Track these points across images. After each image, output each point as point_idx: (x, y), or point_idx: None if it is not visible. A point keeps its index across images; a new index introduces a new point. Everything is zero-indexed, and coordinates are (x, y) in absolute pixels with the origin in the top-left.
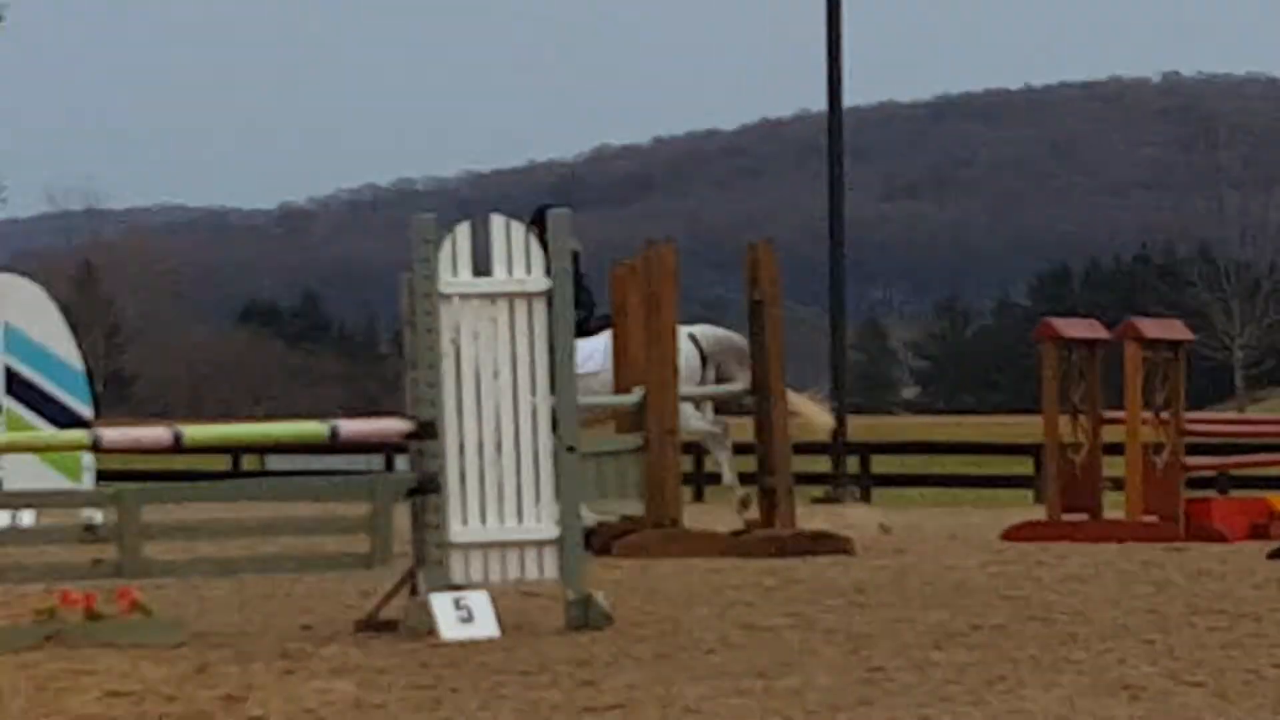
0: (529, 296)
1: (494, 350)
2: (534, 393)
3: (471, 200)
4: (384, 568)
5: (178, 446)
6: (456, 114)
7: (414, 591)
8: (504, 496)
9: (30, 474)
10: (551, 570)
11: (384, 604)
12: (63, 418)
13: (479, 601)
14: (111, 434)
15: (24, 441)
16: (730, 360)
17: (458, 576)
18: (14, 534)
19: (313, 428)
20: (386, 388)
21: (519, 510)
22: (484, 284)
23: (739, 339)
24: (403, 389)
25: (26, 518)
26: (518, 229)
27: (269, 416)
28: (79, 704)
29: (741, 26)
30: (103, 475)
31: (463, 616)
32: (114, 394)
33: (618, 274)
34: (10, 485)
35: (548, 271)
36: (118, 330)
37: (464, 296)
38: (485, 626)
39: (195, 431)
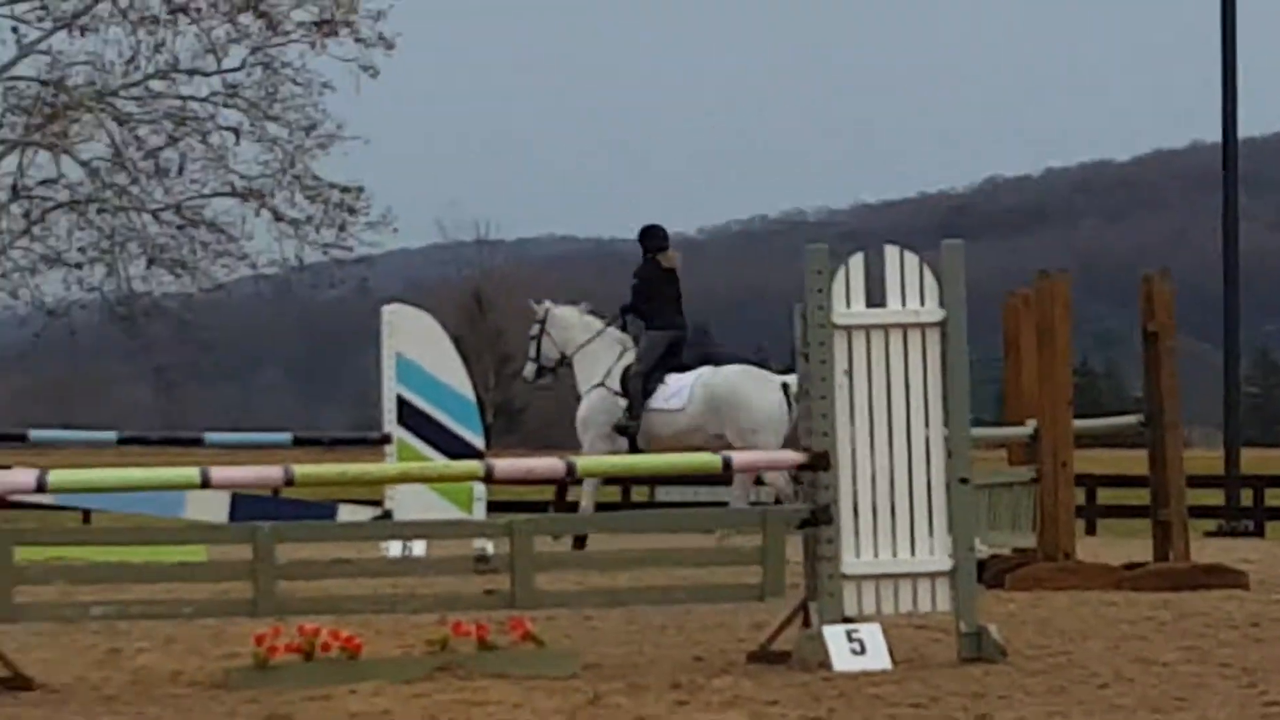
0: (923, 327)
1: (887, 381)
2: (927, 424)
3: (861, 231)
4: (776, 599)
5: (570, 477)
6: (847, 146)
7: (806, 623)
8: (897, 528)
9: (421, 504)
10: (944, 602)
11: (776, 636)
12: (455, 448)
13: (871, 633)
14: (504, 464)
15: (418, 471)
16: None
17: (850, 608)
18: (406, 564)
19: (706, 458)
20: None
21: (912, 542)
22: (877, 315)
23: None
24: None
25: (418, 548)
26: (911, 259)
27: None
28: None
29: (1133, 57)
30: (492, 506)
31: (855, 649)
32: (503, 425)
33: (1009, 305)
34: (401, 515)
35: (942, 302)
36: (508, 361)
37: (857, 327)
38: (878, 659)
39: (587, 462)
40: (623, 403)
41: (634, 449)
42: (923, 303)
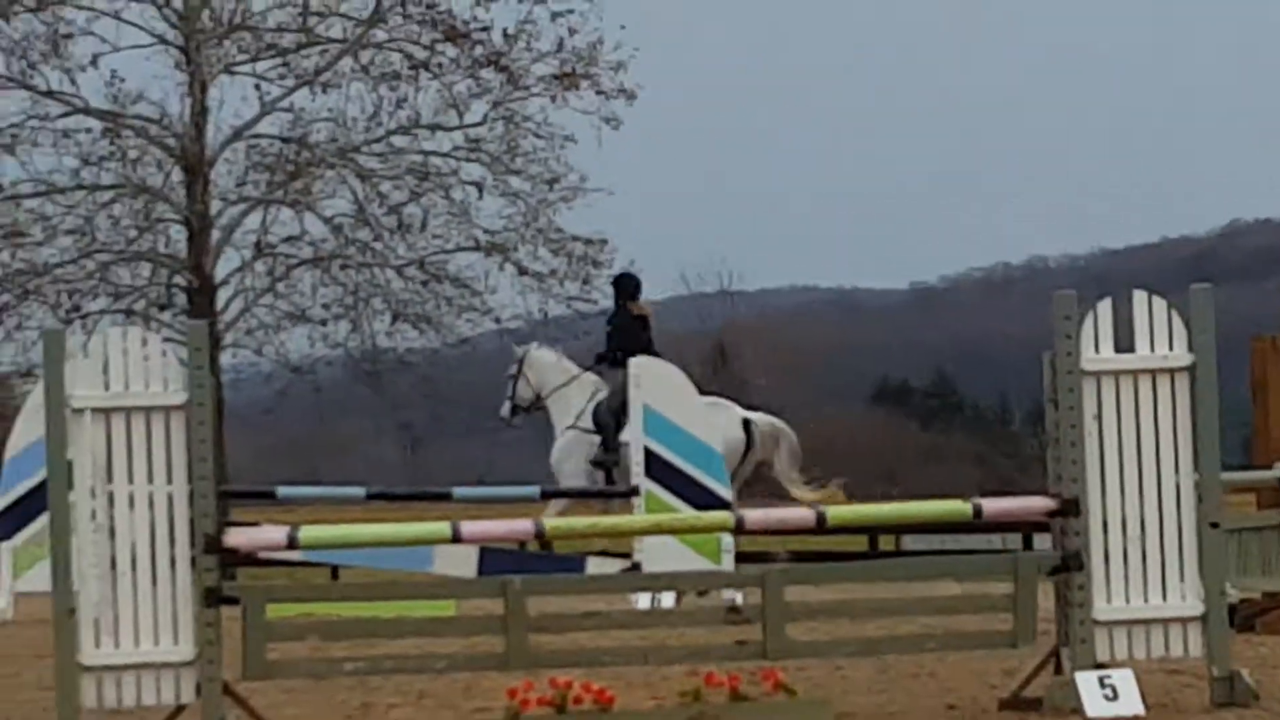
0: (1172, 372)
1: (1136, 426)
2: (1177, 469)
3: (1104, 277)
4: (1027, 646)
5: (821, 526)
6: (1086, 191)
7: (1058, 670)
8: (1148, 573)
9: (668, 556)
10: (1196, 647)
11: (1028, 683)
12: (702, 499)
13: (1124, 679)
14: (755, 515)
15: (669, 523)
16: (775, 449)
17: (1102, 654)
18: (656, 616)
19: (955, 506)
20: (1020, 466)
21: (1163, 587)
22: (1126, 360)
23: (788, 430)
24: (1042, 467)
25: (667, 599)
26: (1160, 304)
27: (902, 497)
28: None
29: None
30: (740, 557)
31: (1107, 695)
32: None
33: (1257, 349)
34: (649, 567)
35: (1190, 347)
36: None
37: (1106, 373)
38: (1130, 704)
39: (838, 511)
40: (596, 439)
41: (609, 481)
42: (1171, 347)
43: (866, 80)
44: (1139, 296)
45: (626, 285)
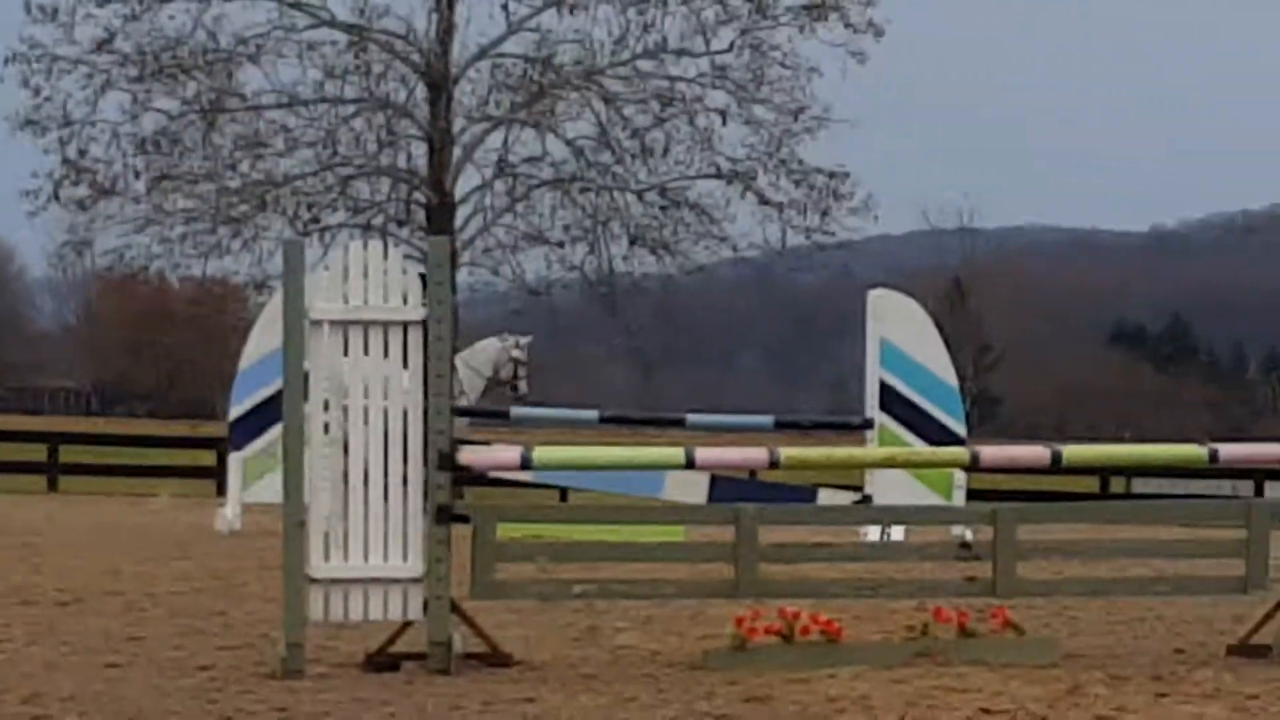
0: None
1: None
2: None
3: None
4: (1259, 592)
5: (1055, 466)
6: None
7: None
8: None
9: (900, 490)
10: None
11: (1258, 629)
12: (937, 435)
13: None
14: (989, 452)
15: (905, 456)
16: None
17: None
18: (887, 549)
19: (1191, 450)
20: (1252, 414)
21: None
22: None
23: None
24: (1277, 414)
25: (897, 533)
26: None
27: (1134, 440)
28: None
29: None
30: (969, 494)
31: None
32: (981, 413)
33: None
34: (880, 500)
35: None
36: (987, 350)
37: None
38: None
39: (1073, 451)
40: None
41: None
42: None
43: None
44: None
45: None
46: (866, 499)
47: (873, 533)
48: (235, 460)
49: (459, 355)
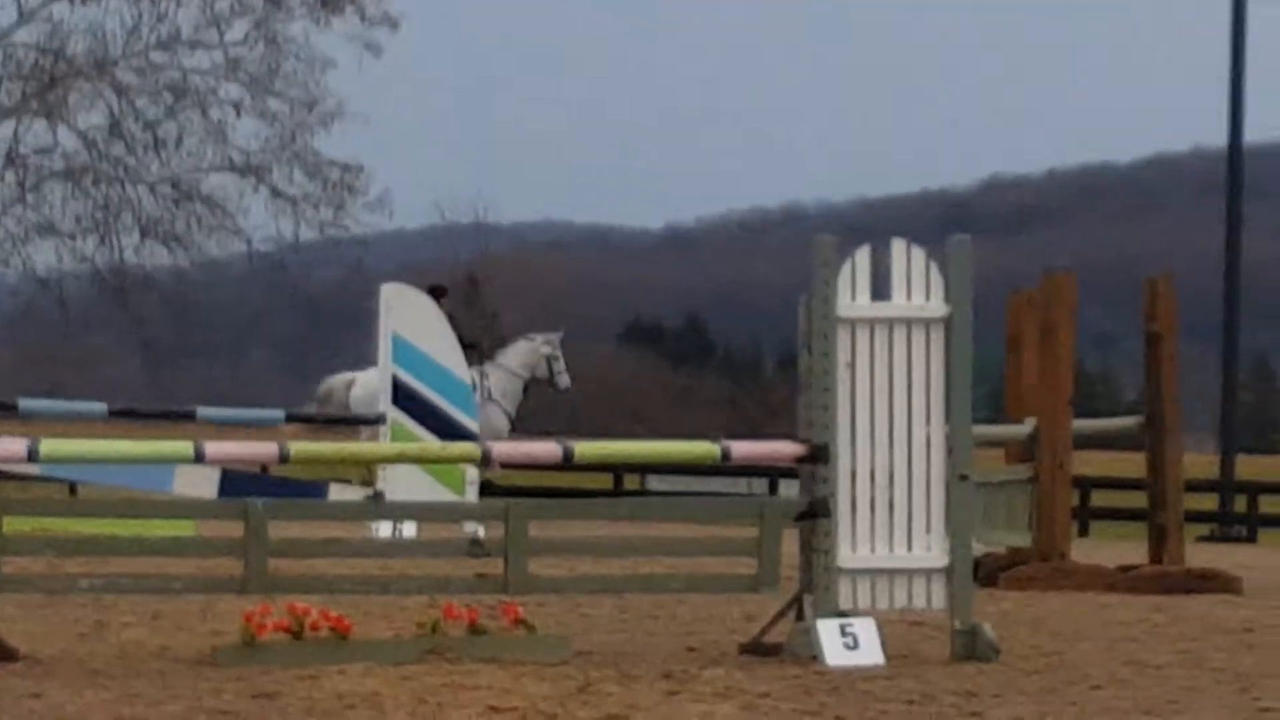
0: (927, 323)
1: (889, 375)
2: (928, 420)
3: (861, 226)
4: (770, 591)
5: (568, 462)
6: (848, 138)
7: (800, 616)
8: (894, 523)
9: (412, 486)
10: (939, 599)
11: (769, 628)
12: (448, 430)
13: (865, 629)
14: (501, 448)
15: (416, 452)
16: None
17: (845, 603)
18: (398, 545)
19: (703, 448)
20: (769, 413)
21: (909, 538)
22: (882, 309)
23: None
24: (791, 413)
25: (409, 530)
26: (918, 254)
27: (650, 438)
28: (460, 718)
29: (1137, 60)
30: (483, 490)
31: (848, 643)
32: None
33: (1014, 303)
34: (392, 497)
35: (947, 298)
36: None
37: (861, 321)
38: (870, 654)
39: (585, 447)
40: None
41: None
42: (928, 298)
43: (627, 14)
44: (897, 245)
45: None
46: (378, 495)
47: (385, 529)
48: None
49: (492, 360)
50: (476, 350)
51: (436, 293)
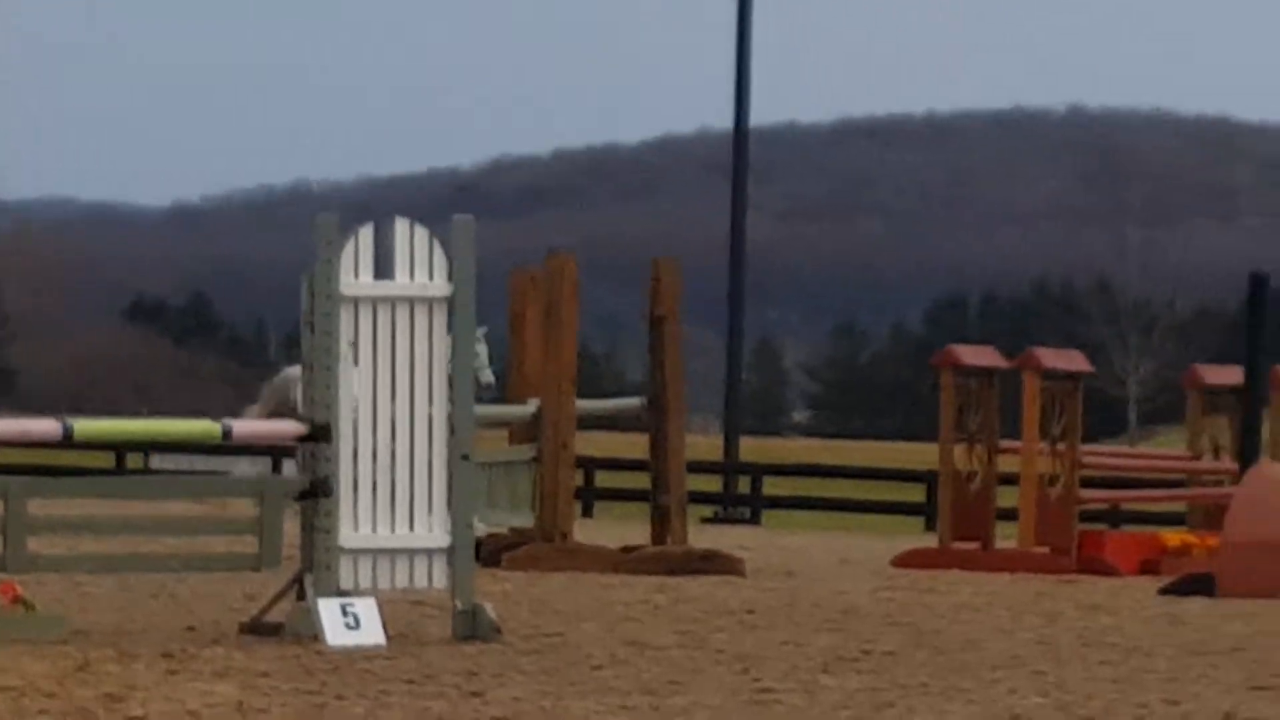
0: (430, 301)
1: (392, 354)
2: (431, 399)
3: (368, 205)
4: (272, 570)
5: (68, 440)
6: (355, 117)
7: (301, 596)
8: (396, 503)
9: None
10: (441, 580)
11: (269, 608)
12: None
13: (366, 608)
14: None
15: None
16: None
17: (346, 582)
18: None
19: (205, 426)
20: None
21: (410, 518)
22: (385, 287)
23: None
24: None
25: None
26: (421, 233)
27: (154, 415)
28: None
29: (645, 41)
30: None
31: (349, 623)
32: None
33: (516, 282)
34: None
35: (450, 277)
36: (4, 323)
37: (364, 299)
38: (372, 634)
39: (85, 426)
40: None
41: None
42: (431, 277)
43: None
44: (400, 224)
45: None
46: None
47: None
48: None
49: None
50: None
51: None
